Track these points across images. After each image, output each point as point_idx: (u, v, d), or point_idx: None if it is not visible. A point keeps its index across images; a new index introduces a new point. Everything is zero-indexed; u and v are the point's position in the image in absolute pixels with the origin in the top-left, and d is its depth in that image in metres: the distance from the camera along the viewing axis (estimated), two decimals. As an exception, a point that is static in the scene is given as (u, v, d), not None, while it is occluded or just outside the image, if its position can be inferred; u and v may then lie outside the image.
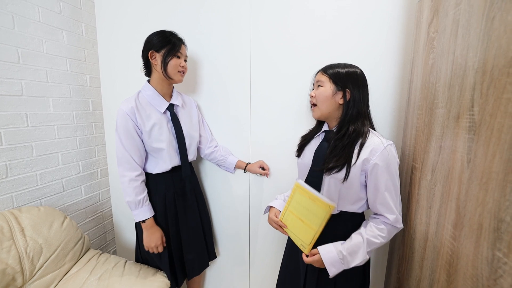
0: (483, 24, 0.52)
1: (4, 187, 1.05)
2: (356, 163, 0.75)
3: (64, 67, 1.26)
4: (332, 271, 0.73)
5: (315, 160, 0.85)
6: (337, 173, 0.76)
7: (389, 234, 0.76)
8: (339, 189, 0.79)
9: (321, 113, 0.82)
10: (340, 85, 0.78)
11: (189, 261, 1.16)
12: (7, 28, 1.02)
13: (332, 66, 0.82)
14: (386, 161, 0.73)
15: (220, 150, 1.23)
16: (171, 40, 0.97)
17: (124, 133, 0.97)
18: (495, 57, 0.48)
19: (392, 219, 0.74)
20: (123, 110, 0.96)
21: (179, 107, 1.09)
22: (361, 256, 0.73)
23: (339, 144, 0.77)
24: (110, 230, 1.59)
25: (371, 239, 0.74)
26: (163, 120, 1.03)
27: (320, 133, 0.88)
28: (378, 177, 0.73)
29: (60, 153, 1.26)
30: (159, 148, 1.02)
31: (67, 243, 1.07)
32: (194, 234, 1.17)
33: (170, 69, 0.98)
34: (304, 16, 1.04)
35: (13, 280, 0.89)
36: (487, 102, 0.50)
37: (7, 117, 1.04)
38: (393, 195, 0.75)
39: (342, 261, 0.73)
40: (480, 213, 0.52)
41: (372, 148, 0.74)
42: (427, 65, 0.77)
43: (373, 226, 0.76)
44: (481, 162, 0.51)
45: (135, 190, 0.99)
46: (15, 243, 0.93)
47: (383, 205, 0.75)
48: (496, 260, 0.47)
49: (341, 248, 0.74)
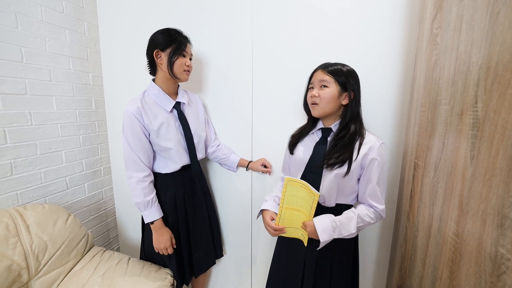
0: (488, 19, 0.51)
1: (9, 185, 1.06)
2: (356, 159, 0.80)
3: (67, 65, 1.27)
4: (323, 237, 0.77)
5: (314, 157, 0.86)
6: (339, 168, 0.81)
7: (376, 219, 0.83)
8: (338, 183, 0.83)
9: (323, 111, 0.84)
10: (344, 85, 0.81)
11: (197, 259, 1.16)
12: (11, 27, 1.03)
13: (331, 64, 0.83)
14: (382, 157, 0.81)
15: (223, 149, 1.22)
16: (177, 39, 0.96)
17: (131, 134, 0.96)
18: (499, 53, 0.48)
19: (381, 208, 0.83)
20: (129, 111, 0.95)
21: (186, 105, 1.09)
22: (352, 228, 0.79)
23: (340, 143, 0.82)
24: (113, 228, 1.60)
25: (362, 216, 0.81)
26: (170, 119, 1.03)
27: (315, 130, 0.91)
28: (373, 171, 0.80)
29: (63, 151, 1.27)
30: (167, 148, 1.01)
31: (71, 240, 1.08)
32: (202, 232, 1.17)
33: (176, 68, 0.97)
34: (306, 13, 1.04)
35: (19, 276, 0.90)
36: (491, 98, 0.49)
37: (12, 115, 1.05)
38: (382, 188, 0.83)
39: (334, 229, 0.78)
40: (484, 210, 0.51)
41: (370, 145, 0.81)
42: (430, 61, 0.76)
43: (363, 207, 0.84)
44: (485, 158, 0.51)
45: (144, 191, 0.98)
46: (20, 240, 0.94)
47: (374, 197, 0.82)
48: (500, 256, 0.47)
49: (334, 218, 0.80)
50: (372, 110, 1.03)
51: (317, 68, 0.86)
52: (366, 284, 1.21)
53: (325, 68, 0.83)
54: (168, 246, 1.03)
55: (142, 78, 1.32)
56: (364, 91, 1.01)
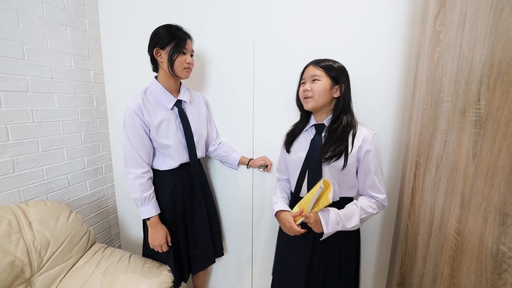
0: (491, 16, 0.51)
1: (11, 182, 1.07)
2: (352, 151, 0.83)
3: (68, 63, 1.27)
4: (327, 230, 0.79)
5: (311, 152, 0.88)
6: (336, 161, 0.83)
7: (378, 209, 0.86)
8: (338, 177, 0.86)
9: (316, 104, 0.85)
10: (335, 78, 0.84)
11: (194, 257, 1.16)
12: (12, 24, 1.03)
13: (322, 60, 0.86)
14: (376, 147, 0.83)
15: (224, 147, 1.22)
16: (176, 36, 0.95)
17: (131, 130, 0.97)
18: (503, 50, 0.47)
19: (382, 197, 0.85)
20: (130, 107, 0.96)
21: (187, 103, 1.08)
22: (355, 220, 0.81)
23: (334, 135, 0.84)
24: (114, 225, 1.61)
25: (364, 207, 0.83)
26: (171, 117, 1.03)
27: (309, 127, 0.92)
28: (369, 162, 0.83)
29: (65, 148, 1.28)
30: (167, 145, 1.02)
31: (73, 236, 1.09)
32: (201, 231, 1.17)
33: (176, 66, 0.97)
34: (307, 11, 1.03)
35: (21, 272, 0.91)
36: (494, 95, 0.49)
37: (13, 112, 1.05)
38: (380, 178, 0.85)
39: (338, 222, 0.80)
40: (485, 208, 0.51)
41: (363, 137, 0.83)
42: (433, 59, 0.76)
43: (365, 199, 0.86)
44: (487, 156, 0.51)
45: (141, 187, 0.99)
46: (23, 236, 0.94)
47: (373, 187, 0.85)
48: (501, 254, 0.47)
49: (338, 211, 0.82)
50: (373, 107, 1.02)
51: (308, 64, 0.88)
52: (367, 282, 1.21)
53: (316, 64, 0.85)
54: (163, 243, 1.03)
55: (143, 76, 1.32)
56: (366, 88, 1.01)
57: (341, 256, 0.90)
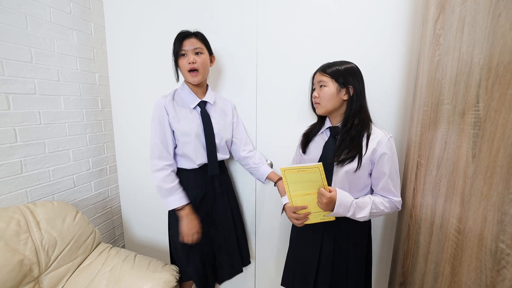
0: (489, 21, 0.52)
1: (19, 183, 1.09)
2: (366, 154, 0.82)
3: (74, 66, 1.29)
4: (337, 210, 0.79)
5: (324, 155, 0.89)
6: (349, 164, 0.83)
7: (391, 209, 0.86)
8: (350, 179, 0.85)
9: (326, 109, 0.87)
10: (343, 82, 0.84)
11: (220, 264, 1.14)
12: (21, 29, 1.06)
13: (329, 65, 0.86)
14: (392, 150, 0.83)
15: (255, 157, 1.17)
16: (175, 43, 0.99)
17: (158, 124, 1.01)
18: (500, 54, 0.49)
19: (396, 200, 0.85)
20: (159, 103, 1.02)
21: (211, 104, 1.10)
22: (366, 211, 0.81)
23: (347, 137, 0.84)
24: (119, 226, 1.63)
25: (376, 203, 0.83)
26: (194, 116, 1.05)
27: (324, 130, 0.93)
28: (384, 165, 0.82)
29: (71, 150, 1.30)
30: (186, 142, 1.03)
31: (79, 236, 1.11)
32: (225, 237, 1.14)
33: (182, 71, 1.01)
34: (310, 11, 1.05)
35: (30, 271, 0.93)
36: (492, 98, 0.51)
37: (22, 115, 1.08)
38: (395, 181, 0.85)
39: (349, 208, 0.80)
40: (485, 207, 0.53)
41: (378, 139, 0.83)
42: (433, 62, 0.78)
43: (379, 196, 0.86)
44: (486, 156, 0.52)
45: (165, 179, 1.00)
46: (31, 236, 0.96)
47: (387, 190, 0.85)
48: (500, 251, 0.48)
49: (353, 199, 0.82)
50: (374, 109, 1.04)
51: (316, 71, 0.90)
52: (369, 281, 1.22)
53: (322, 70, 0.87)
54: (195, 232, 1.02)
55: (148, 78, 1.35)
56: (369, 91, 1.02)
57: (348, 254, 0.91)
